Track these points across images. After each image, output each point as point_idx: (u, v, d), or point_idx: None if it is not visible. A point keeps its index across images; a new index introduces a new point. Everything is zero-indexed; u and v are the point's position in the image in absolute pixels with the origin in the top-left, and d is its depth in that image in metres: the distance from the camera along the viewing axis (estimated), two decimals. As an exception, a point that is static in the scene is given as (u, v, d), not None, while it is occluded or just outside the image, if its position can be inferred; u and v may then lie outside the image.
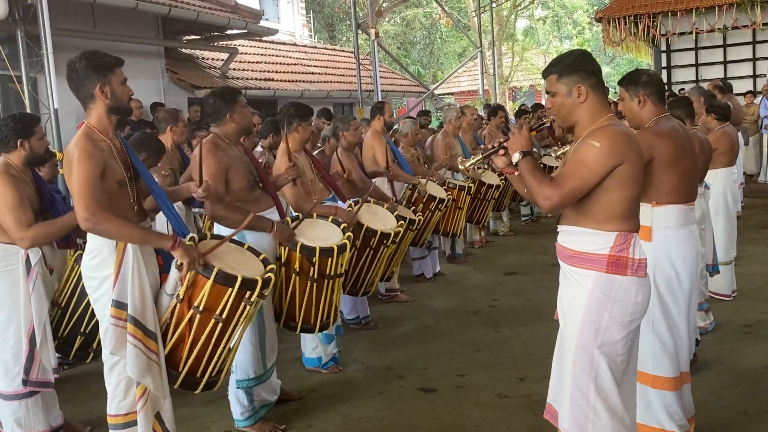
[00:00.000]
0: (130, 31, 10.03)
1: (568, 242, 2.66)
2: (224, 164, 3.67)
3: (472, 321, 5.66)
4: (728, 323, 5.09)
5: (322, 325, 4.05)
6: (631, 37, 15.07)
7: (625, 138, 2.53)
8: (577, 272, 2.62)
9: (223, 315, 3.03)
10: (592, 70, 2.61)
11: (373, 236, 4.60)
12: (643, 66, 30.07)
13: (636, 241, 2.61)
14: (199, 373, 3.13)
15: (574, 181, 2.51)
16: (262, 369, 3.84)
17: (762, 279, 6.28)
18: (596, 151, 2.49)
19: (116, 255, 2.99)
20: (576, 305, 2.61)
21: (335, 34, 28.66)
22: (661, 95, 3.34)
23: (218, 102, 3.77)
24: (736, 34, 14.29)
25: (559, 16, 34.61)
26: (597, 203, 2.56)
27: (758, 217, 9.11)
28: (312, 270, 3.83)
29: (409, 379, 4.51)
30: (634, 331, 2.64)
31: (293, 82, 13.99)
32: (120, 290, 2.98)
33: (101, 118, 3.05)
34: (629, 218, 2.59)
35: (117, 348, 3.00)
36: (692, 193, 3.37)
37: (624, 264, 2.56)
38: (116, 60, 3.09)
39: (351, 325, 5.55)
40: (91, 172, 2.88)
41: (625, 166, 2.50)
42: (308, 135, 4.68)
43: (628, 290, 2.57)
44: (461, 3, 28.95)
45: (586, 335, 2.58)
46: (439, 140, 7.60)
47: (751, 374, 4.21)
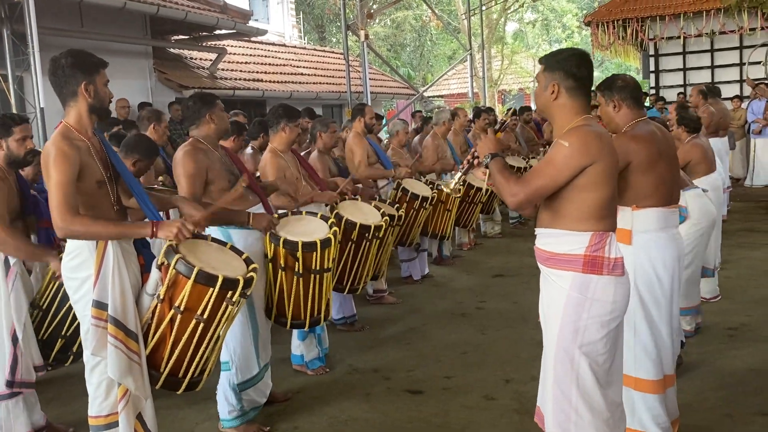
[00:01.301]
0: (117, 30, 9.99)
1: (545, 244, 2.68)
2: (203, 166, 3.68)
3: (460, 323, 5.66)
4: (713, 326, 5.12)
5: (313, 320, 4.05)
6: (620, 41, 15.18)
7: (596, 138, 2.53)
8: (555, 273, 2.63)
9: (204, 315, 3.01)
10: (576, 73, 2.61)
11: (353, 228, 4.60)
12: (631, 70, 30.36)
13: (611, 240, 2.60)
14: (181, 373, 3.10)
15: (541, 179, 2.54)
16: (256, 369, 3.85)
17: (747, 282, 6.31)
18: (565, 151, 2.52)
19: (96, 255, 2.96)
20: (555, 306, 2.62)
21: (325, 36, 28.66)
22: (637, 100, 3.34)
23: (197, 104, 3.82)
24: (724, 39, 14.42)
25: (549, 20, 34.77)
26: (571, 203, 2.57)
27: (744, 221, 9.17)
28: (297, 265, 3.84)
29: (396, 380, 4.50)
30: (615, 330, 2.64)
31: (282, 83, 13.97)
32: (100, 290, 2.95)
33: (81, 117, 3.01)
34: (604, 218, 2.59)
35: (98, 349, 2.97)
36: (672, 195, 3.37)
37: (600, 263, 2.56)
38: (101, 61, 3.07)
39: (338, 326, 5.53)
40: (65, 176, 2.84)
41: (597, 166, 2.51)
42: (295, 136, 4.69)
43: (606, 289, 2.57)
44: (451, 6, 29.02)
45: (565, 336, 2.58)
46: (429, 142, 7.60)
47: (735, 377, 4.23)
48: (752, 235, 8.35)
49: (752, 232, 8.53)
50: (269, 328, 4.01)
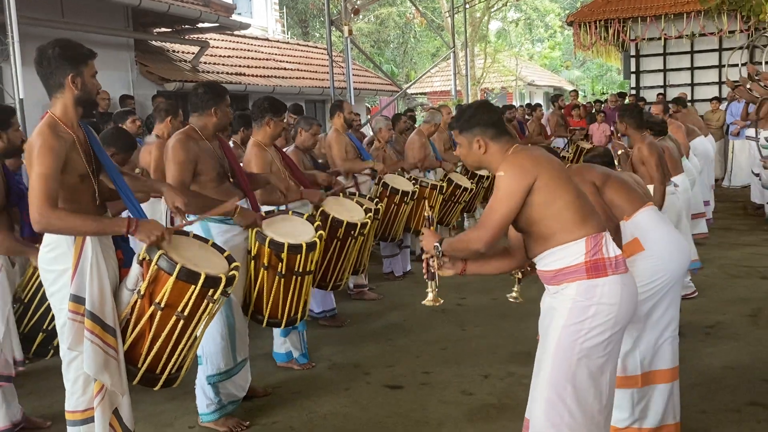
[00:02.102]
0: (99, 21, 9.89)
1: (546, 265, 2.69)
2: (193, 156, 3.67)
3: (440, 319, 5.69)
4: (690, 324, 5.18)
5: (290, 320, 4.03)
6: (602, 42, 15.30)
7: (528, 156, 2.64)
8: (562, 287, 2.65)
9: (185, 312, 2.98)
10: (489, 121, 2.73)
11: (339, 226, 4.59)
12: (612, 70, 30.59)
13: (607, 239, 2.64)
14: (158, 369, 3.07)
15: (497, 214, 2.61)
16: (232, 363, 3.81)
17: (724, 281, 6.40)
18: (504, 180, 2.61)
19: (74, 249, 2.91)
20: (560, 311, 2.63)
21: (308, 31, 28.59)
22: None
23: (207, 94, 3.79)
24: (704, 41, 14.58)
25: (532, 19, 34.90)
26: (548, 222, 2.61)
27: (722, 221, 9.29)
28: (280, 265, 3.81)
29: (376, 375, 4.52)
30: (618, 333, 2.65)
31: (265, 77, 13.91)
32: (78, 284, 2.91)
33: (67, 109, 2.96)
34: (587, 220, 2.62)
35: (75, 343, 2.92)
36: (643, 192, 3.49)
37: (603, 265, 2.59)
38: (90, 52, 3.01)
39: (320, 321, 5.54)
40: (49, 169, 2.80)
41: (542, 179, 2.58)
42: (280, 131, 4.66)
43: (612, 291, 2.59)
44: (435, 3, 29.04)
45: (567, 337, 2.59)
46: (416, 140, 7.59)
47: (710, 374, 4.30)
48: (729, 234, 8.46)
49: (729, 231, 8.64)
50: (247, 324, 3.99)
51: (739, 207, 10.23)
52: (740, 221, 9.27)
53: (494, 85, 30.55)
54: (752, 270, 6.72)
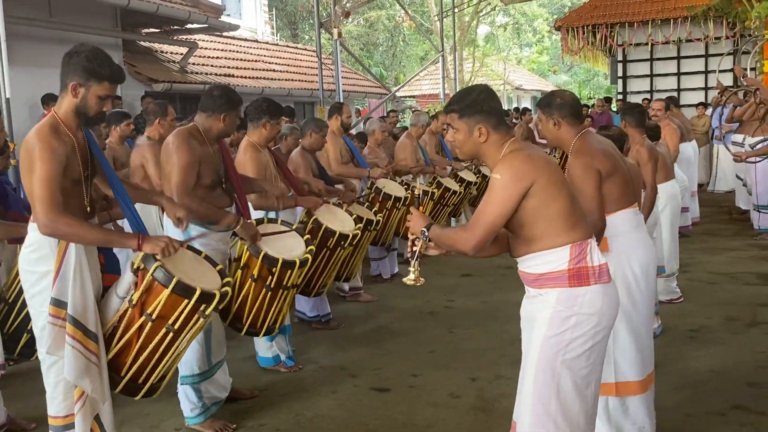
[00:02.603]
0: (87, 21, 9.83)
1: (528, 267, 2.64)
2: (197, 157, 3.62)
3: (428, 321, 5.69)
4: (675, 328, 5.22)
5: (267, 330, 4.00)
6: (589, 47, 15.40)
7: (526, 159, 2.53)
8: (543, 292, 2.61)
9: (175, 325, 2.96)
10: (492, 109, 2.62)
11: (331, 236, 4.58)
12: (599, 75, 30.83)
13: (592, 247, 2.59)
14: (141, 379, 3.05)
15: (487, 217, 2.53)
16: (206, 365, 3.79)
17: (708, 285, 6.45)
18: (500, 183, 2.51)
19: (58, 251, 2.86)
20: (540, 320, 2.59)
21: (298, 33, 28.58)
22: (577, 116, 3.29)
23: (222, 98, 3.71)
24: (690, 47, 14.70)
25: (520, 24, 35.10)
26: (537, 225, 2.55)
27: (706, 226, 9.36)
28: (270, 279, 3.78)
29: (363, 378, 4.51)
30: (600, 343, 2.61)
31: (254, 78, 13.89)
32: (60, 288, 2.85)
33: (68, 113, 2.91)
34: (576, 227, 2.57)
35: (54, 348, 2.87)
36: (636, 194, 3.44)
37: (585, 274, 2.55)
38: (112, 74, 2.90)
39: (313, 324, 5.52)
40: (52, 172, 2.75)
41: (538, 184, 2.50)
42: (275, 133, 4.62)
43: (593, 301, 2.55)
44: (424, 7, 29.13)
45: (549, 348, 2.55)
46: (407, 143, 7.60)
47: (695, 377, 4.33)
48: (713, 239, 8.53)
49: (713, 236, 8.71)
50: (224, 327, 3.95)
51: (723, 212, 10.32)
52: (725, 226, 9.35)
53: (482, 88, 30.57)
54: (737, 275, 6.78)
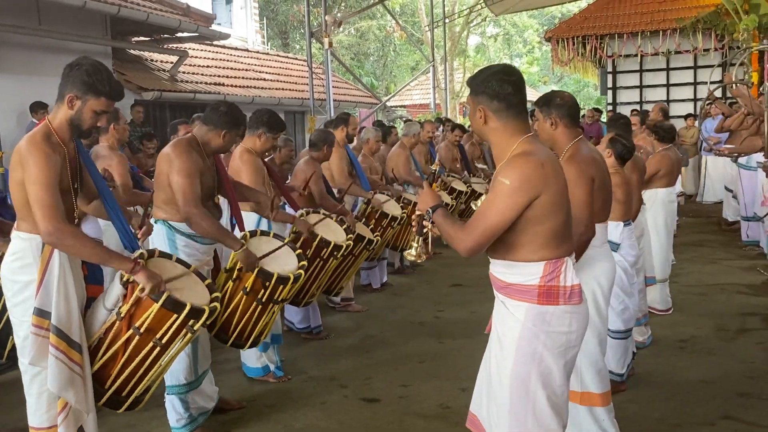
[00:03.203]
0: (76, 29, 9.79)
1: (499, 273, 2.58)
2: (198, 166, 3.61)
3: (417, 332, 5.67)
4: (664, 338, 5.22)
5: (253, 343, 3.97)
6: (579, 58, 15.49)
7: (537, 169, 2.39)
8: (510, 303, 2.54)
9: (162, 340, 2.93)
10: (500, 93, 2.44)
11: (325, 247, 4.57)
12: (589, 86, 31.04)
13: (567, 266, 2.50)
14: (125, 392, 3.02)
15: (487, 222, 2.41)
16: (193, 376, 3.75)
17: (697, 295, 6.47)
18: (506, 189, 2.37)
19: (41, 260, 2.83)
20: (510, 336, 2.52)
21: (288, 42, 28.58)
22: (574, 118, 3.30)
23: (228, 116, 3.71)
24: (679, 59, 14.81)
25: (510, 35, 35.27)
26: (524, 235, 2.45)
27: (695, 236, 9.41)
28: (262, 293, 3.76)
29: (352, 389, 4.48)
30: (572, 359, 2.58)
31: (244, 87, 13.87)
32: (43, 298, 2.82)
33: (62, 123, 2.89)
34: (560, 245, 2.49)
35: (37, 358, 2.84)
36: (608, 211, 3.44)
37: (555, 293, 2.46)
38: (111, 90, 2.89)
39: (302, 334, 5.49)
40: (52, 178, 2.73)
41: (544, 197, 2.39)
42: (269, 146, 4.58)
43: (561, 320, 2.48)
44: (415, 17, 29.23)
45: (520, 367, 2.49)
46: (400, 153, 7.60)
47: (684, 387, 4.33)
48: (702, 249, 8.57)
49: (702, 246, 8.75)
50: (209, 337, 3.92)
51: (712, 223, 10.36)
52: (713, 237, 9.39)
53: (473, 99, 30.72)
54: (726, 285, 6.80)
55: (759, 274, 7.13)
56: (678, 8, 14.76)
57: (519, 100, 2.47)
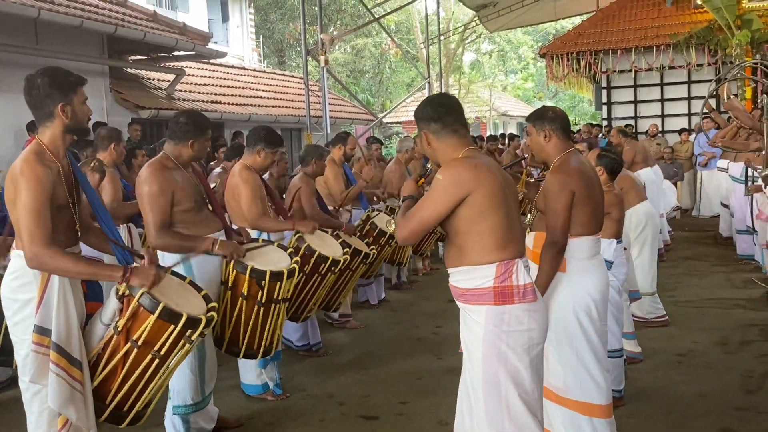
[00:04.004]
0: (74, 48, 9.84)
1: (457, 281, 2.74)
2: (170, 186, 3.59)
3: (415, 348, 5.67)
4: (662, 352, 5.23)
5: (265, 351, 3.98)
6: (574, 74, 15.60)
7: (470, 168, 2.60)
8: (470, 309, 2.69)
9: (161, 351, 2.94)
10: (434, 116, 2.73)
11: (323, 262, 4.57)
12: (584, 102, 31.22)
13: (518, 267, 2.64)
14: (126, 407, 3.01)
15: (421, 214, 2.64)
16: (200, 396, 3.75)
17: (694, 309, 6.47)
18: (438, 184, 2.61)
19: (41, 278, 2.84)
20: (475, 341, 2.67)
21: (285, 60, 28.71)
22: (567, 131, 3.36)
23: (189, 126, 3.70)
24: (673, 74, 14.91)
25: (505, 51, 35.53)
26: (469, 236, 2.63)
27: (692, 249, 9.43)
28: (260, 294, 3.76)
29: (351, 406, 4.47)
30: (537, 357, 2.69)
31: (241, 105, 13.91)
32: (43, 315, 2.83)
33: (55, 138, 2.91)
34: (506, 246, 2.63)
35: (37, 376, 2.84)
36: (601, 223, 3.45)
37: (510, 293, 2.62)
38: (79, 79, 2.97)
39: (300, 351, 5.47)
40: (39, 202, 2.75)
41: (477, 195, 2.57)
42: (269, 162, 4.60)
43: (520, 318, 2.62)
44: (410, 35, 29.44)
45: (489, 369, 2.62)
46: (395, 169, 7.66)
47: (683, 402, 4.32)
48: (699, 263, 8.58)
49: (699, 260, 8.76)
50: (216, 357, 3.92)
51: (709, 237, 10.39)
52: (710, 251, 9.41)
53: (468, 115, 30.87)
54: (723, 299, 6.81)
55: (756, 287, 7.14)
56: (671, 24, 14.89)
57: (454, 120, 2.75)
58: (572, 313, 3.23)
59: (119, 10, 10.88)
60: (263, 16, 26.81)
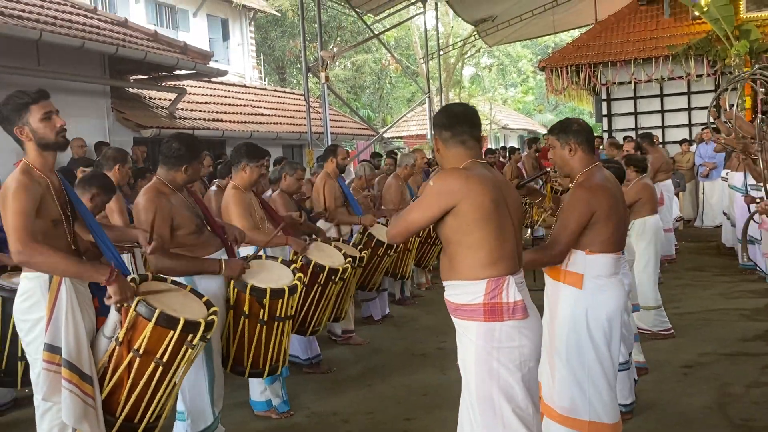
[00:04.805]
0: (76, 69, 9.90)
1: (449, 296, 2.76)
2: (167, 212, 3.58)
3: (420, 363, 5.64)
4: (668, 364, 5.20)
5: (271, 369, 3.96)
6: (573, 86, 15.62)
7: (460, 178, 2.62)
8: (462, 325, 2.72)
9: (163, 358, 2.95)
10: (445, 124, 2.76)
11: (321, 272, 4.58)
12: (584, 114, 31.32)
13: (509, 283, 2.64)
14: (137, 418, 3.01)
15: (409, 216, 2.72)
16: (212, 417, 3.72)
17: (700, 321, 6.45)
18: (428, 190, 2.68)
19: (49, 296, 2.88)
20: (468, 358, 2.69)
21: (285, 77, 28.84)
22: (591, 144, 3.32)
23: (182, 151, 3.67)
24: (672, 85, 14.93)
25: (504, 65, 35.65)
26: (459, 249, 2.65)
27: (695, 260, 9.41)
28: (262, 312, 3.75)
29: (355, 423, 4.45)
30: (530, 373, 2.69)
31: (242, 123, 13.97)
32: (53, 333, 2.87)
33: (36, 157, 2.98)
34: (497, 262, 2.63)
35: (50, 394, 2.87)
36: (622, 242, 3.38)
37: (499, 310, 2.62)
38: (32, 97, 2.97)
39: (304, 368, 5.45)
40: (25, 206, 2.81)
41: (464, 205, 2.59)
42: (257, 176, 4.64)
43: (510, 335, 2.63)
44: (410, 50, 29.56)
45: (481, 385, 2.64)
46: (393, 184, 7.67)
47: (689, 414, 4.30)
48: (702, 274, 8.56)
49: (702, 271, 8.74)
50: (223, 376, 3.90)
51: (712, 247, 10.37)
52: (713, 261, 9.39)
53: (470, 128, 30.95)
54: (728, 310, 6.79)
55: (761, 297, 7.11)
56: (669, 36, 14.93)
57: (464, 130, 2.76)
58: (586, 332, 3.17)
59: (120, 31, 10.97)
60: (264, 34, 26.97)
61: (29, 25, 8.44)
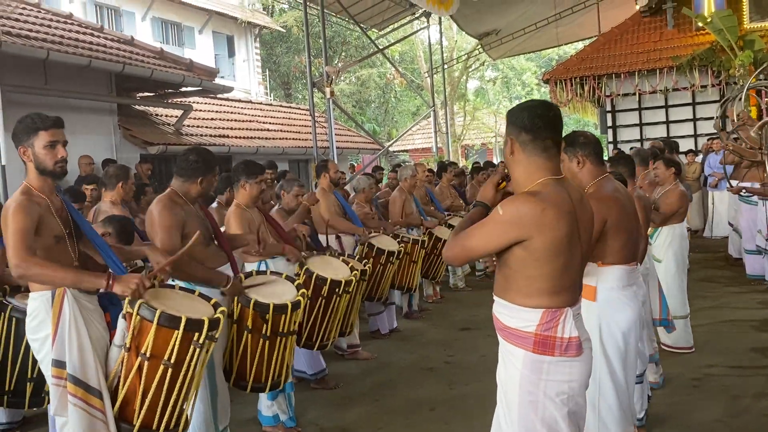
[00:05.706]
0: (82, 87, 9.97)
1: (499, 313, 2.52)
2: (180, 220, 3.65)
3: (428, 377, 5.62)
4: (678, 376, 5.16)
5: (273, 384, 3.96)
6: (578, 98, 15.64)
7: (534, 211, 2.30)
8: (508, 348, 2.48)
9: (171, 360, 2.96)
10: (528, 126, 2.39)
11: (323, 284, 4.59)
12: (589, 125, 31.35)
13: (567, 317, 2.40)
14: (155, 424, 3.01)
15: (470, 242, 2.41)
16: (213, 430, 3.72)
17: (710, 333, 6.40)
18: (497, 218, 2.35)
19: (53, 312, 2.94)
20: (511, 384, 2.46)
21: (291, 92, 28.97)
22: (600, 156, 3.30)
23: (199, 163, 3.76)
24: (677, 96, 14.94)
25: (509, 78, 35.72)
26: (519, 274, 2.39)
27: (705, 272, 9.36)
28: (265, 327, 3.76)
29: (364, 438, 4.43)
30: (576, 408, 2.48)
31: (248, 138, 14.02)
32: (59, 349, 2.93)
33: (35, 178, 3.07)
34: (558, 292, 2.40)
35: (60, 409, 2.91)
36: (635, 253, 3.33)
37: (552, 344, 2.38)
38: (45, 123, 3.03)
39: (312, 384, 5.43)
40: (24, 224, 2.88)
41: (536, 241, 2.31)
42: (257, 192, 4.70)
43: (560, 370, 2.41)
44: (414, 64, 29.68)
45: (525, 415, 2.42)
46: (396, 198, 7.68)
47: (700, 428, 4.26)
48: (712, 285, 8.51)
49: (712, 282, 8.69)
50: (228, 390, 3.91)
51: (720, 258, 10.31)
52: (722, 272, 9.33)
53: (474, 141, 31.05)
54: (737, 321, 6.74)
55: (770, 308, 7.07)
56: (673, 47, 14.96)
57: (547, 136, 2.41)
58: (599, 345, 3.13)
59: (127, 49, 11.05)
60: (269, 50, 27.14)
61: (36, 44, 8.51)
